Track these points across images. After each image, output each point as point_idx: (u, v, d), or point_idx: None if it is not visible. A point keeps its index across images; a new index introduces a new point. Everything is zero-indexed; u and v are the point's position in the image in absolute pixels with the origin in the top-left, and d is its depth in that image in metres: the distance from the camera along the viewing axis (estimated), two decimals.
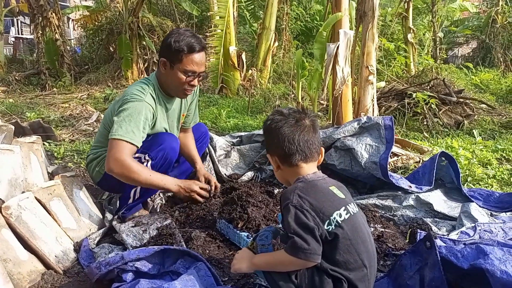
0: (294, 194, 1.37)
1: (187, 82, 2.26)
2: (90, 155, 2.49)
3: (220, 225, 2.13)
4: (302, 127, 1.47)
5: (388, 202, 2.57)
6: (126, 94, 2.25)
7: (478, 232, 2.06)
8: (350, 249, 1.35)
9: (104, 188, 2.59)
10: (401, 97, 5.17)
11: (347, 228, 1.36)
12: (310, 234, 1.31)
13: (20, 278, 1.73)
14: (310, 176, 1.46)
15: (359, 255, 1.36)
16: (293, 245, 1.31)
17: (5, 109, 5.64)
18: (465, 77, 8.45)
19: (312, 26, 11.14)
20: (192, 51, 2.20)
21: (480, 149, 3.77)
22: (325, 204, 1.37)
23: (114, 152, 2.08)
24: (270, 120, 1.51)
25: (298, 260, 1.31)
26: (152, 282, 1.56)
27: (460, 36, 14.24)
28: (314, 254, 1.30)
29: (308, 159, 1.47)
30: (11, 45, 15.41)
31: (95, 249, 2.05)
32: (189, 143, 2.69)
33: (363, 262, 1.37)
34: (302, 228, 1.31)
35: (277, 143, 1.46)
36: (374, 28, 3.89)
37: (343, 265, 1.35)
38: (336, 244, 1.34)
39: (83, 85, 8.44)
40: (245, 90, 7.09)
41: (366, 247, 1.40)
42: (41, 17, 8.75)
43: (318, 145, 1.50)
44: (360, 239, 1.38)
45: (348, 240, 1.35)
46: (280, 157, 1.49)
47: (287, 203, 1.36)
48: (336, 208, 1.37)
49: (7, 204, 1.86)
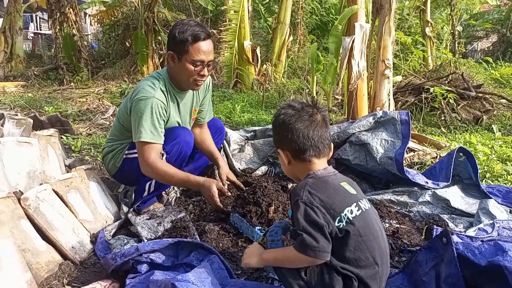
0: (304, 191, 1.35)
1: (197, 72, 2.24)
2: (106, 148, 2.53)
3: (233, 218, 2.14)
4: (315, 122, 1.46)
5: (404, 198, 2.54)
6: (137, 90, 2.27)
7: (497, 229, 2.01)
8: (361, 246, 1.33)
9: (119, 180, 2.63)
10: (418, 92, 5.08)
11: (358, 224, 1.34)
12: (320, 231, 1.29)
13: (39, 268, 1.76)
14: (321, 172, 1.44)
15: (371, 252, 1.34)
16: (302, 243, 1.30)
17: (24, 103, 5.75)
18: (484, 71, 8.25)
19: (327, 20, 11.03)
20: (197, 40, 2.18)
21: (500, 145, 3.68)
22: (336, 200, 1.35)
23: (142, 157, 2.18)
24: (283, 115, 1.48)
25: (307, 257, 1.30)
26: (166, 274, 1.57)
27: (479, 29, 13.89)
28: (323, 252, 1.29)
29: (321, 155, 1.46)
30: (30, 41, 15.66)
31: (111, 240, 2.08)
32: (207, 138, 2.67)
33: (374, 259, 1.35)
34: (312, 225, 1.30)
35: (291, 138, 1.45)
36: (391, 22, 3.83)
37: (354, 262, 1.33)
38: (347, 241, 1.33)
39: (99, 80, 8.54)
40: (259, 85, 7.07)
41: (378, 243, 1.38)
42: (59, 13, 8.87)
43: (329, 141, 1.49)
44: (372, 236, 1.36)
45: (359, 237, 1.33)
46: (292, 152, 1.47)
47: (297, 200, 1.35)
48: (347, 205, 1.36)
49: (25, 195, 1.90)
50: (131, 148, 2.39)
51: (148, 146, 2.16)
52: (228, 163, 3.02)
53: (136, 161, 2.31)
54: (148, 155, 2.15)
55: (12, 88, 7.46)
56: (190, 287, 1.36)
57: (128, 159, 2.40)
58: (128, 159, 2.40)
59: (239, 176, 2.95)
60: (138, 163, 2.31)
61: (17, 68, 9.76)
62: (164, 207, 2.47)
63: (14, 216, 1.80)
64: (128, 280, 1.67)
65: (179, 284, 1.35)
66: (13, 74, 9.35)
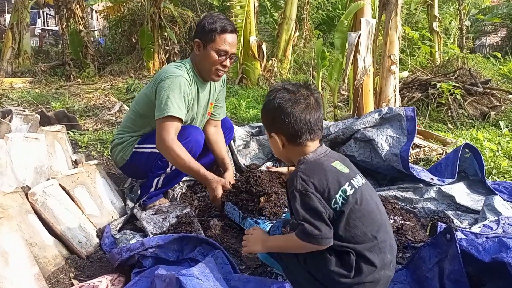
0: (297, 179, 1.35)
1: (220, 62, 2.31)
2: (115, 139, 2.55)
3: (226, 207, 2.14)
4: (311, 105, 1.44)
5: (409, 194, 2.53)
6: (163, 72, 2.31)
7: (502, 225, 2.01)
8: (357, 223, 1.33)
9: (126, 173, 2.65)
10: (425, 88, 5.05)
11: (353, 202, 1.34)
12: (319, 219, 1.30)
13: (46, 262, 1.79)
14: (312, 156, 1.42)
15: (367, 227, 1.34)
16: (303, 232, 1.30)
17: (31, 99, 5.80)
18: (492, 67, 8.17)
19: (333, 15, 10.96)
20: (225, 31, 2.29)
21: (507, 141, 3.66)
22: (329, 183, 1.35)
23: (162, 132, 2.17)
24: (278, 98, 1.43)
25: (312, 245, 1.31)
26: (171, 268, 1.59)
27: (488, 24, 13.72)
28: (325, 239, 1.29)
29: (315, 138, 1.45)
30: (37, 37, 15.74)
31: (117, 235, 2.10)
32: (220, 142, 2.66)
33: (371, 233, 1.35)
34: (311, 213, 1.30)
35: (287, 123, 1.42)
36: (398, 17, 3.80)
37: (351, 240, 1.33)
38: (343, 220, 1.33)
39: (106, 76, 8.58)
40: (265, 81, 7.06)
41: (374, 218, 1.37)
42: (66, 9, 8.91)
43: (322, 122, 1.48)
44: (366, 211, 1.36)
45: (354, 214, 1.33)
46: (288, 136, 1.44)
47: (292, 190, 1.35)
48: (340, 185, 1.35)
49: (33, 190, 1.92)
50: (141, 142, 2.42)
51: (172, 122, 2.17)
52: (233, 159, 3.03)
53: (145, 155, 2.34)
54: (169, 131, 2.15)
55: (19, 84, 7.52)
56: (194, 282, 1.37)
57: (138, 153, 2.42)
58: (137, 153, 2.42)
59: (244, 172, 2.95)
60: (146, 157, 2.33)
61: (24, 64, 9.83)
62: (170, 202, 2.48)
63: (21, 210, 1.83)
64: (133, 274, 1.69)
65: (184, 279, 1.36)
66: (21, 70, 9.42)
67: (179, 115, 2.20)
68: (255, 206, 2.02)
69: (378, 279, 1.36)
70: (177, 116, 2.18)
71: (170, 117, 2.17)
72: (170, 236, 1.75)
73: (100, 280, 1.66)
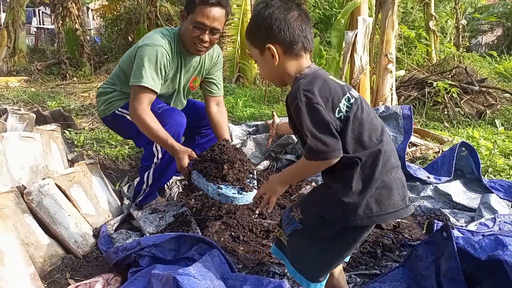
0: (300, 92, 1.30)
1: (197, 35, 2.23)
2: (101, 88, 2.55)
3: (193, 175, 2.11)
4: (303, 14, 1.41)
5: None
6: (145, 37, 2.29)
7: (498, 223, 2.02)
8: (361, 129, 1.31)
9: (107, 125, 2.67)
10: (422, 86, 5.06)
11: (355, 109, 1.32)
12: (327, 131, 1.25)
13: (42, 262, 1.78)
14: (308, 70, 1.39)
15: (370, 132, 1.32)
16: (311, 151, 1.25)
17: (27, 98, 5.77)
18: (488, 65, 8.20)
19: (330, 14, 10.93)
20: (205, 3, 2.18)
21: (502, 140, 3.67)
22: (332, 91, 1.32)
23: (135, 101, 2.17)
24: (270, 7, 1.38)
25: (321, 161, 1.26)
26: (167, 268, 1.58)
27: (484, 23, 13.76)
28: (333, 151, 1.25)
29: (308, 48, 1.41)
30: (33, 35, 15.65)
31: (114, 234, 2.10)
32: (222, 122, 2.58)
33: (376, 138, 1.33)
34: (317, 126, 1.26)
35: (283, 29, 1.36)
36: (394, 15, 3.81)
37: (358, 148, 1.30)
38: (348, 129, 1.30)
39: (102, 75, 8.54)
40: (262, 79, 7.05)
41: (376, 124, 1.36)
42: (61, 7, 8.86)
43: (313, 35, 1.45)
44: (368, 118, 1.34)
45: (357, 122, 1.31)
46: (283, 45, 1.37)
47: (296, 103, 1.29)
48: (344, 93, 1.34)
49: (28, 190, 1.91)
50: (124, 107, 2.39)
51: (145, 93, 2.16)
52: None
53: (125, 120, 2.34)
54: (141, 101, 2.15)
55: (15, 83, 7.48)
56: (191, 281, 1.36)
57: (118, 116, 2.42)
58: (118, 116, 2.42)
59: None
60: (126, 122, 2.34)
61: (20, 63, 9.78)
62: (166, 201, 2.48)
63: (17, 210, 1.82)
64: (130, 274, 1.69)
65: (180, 278, 1.36)
66: (16, 69, 9.37)
67: (153, 87, 2.17)
68: (219, 173, 2.01)
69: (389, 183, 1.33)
70: (150, 88, 2.17)
71: (144, 88, 2.16)
72: (167, 235, 1.75)
73: (96, 280, 1.66)
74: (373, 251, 1.94)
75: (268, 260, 1.85)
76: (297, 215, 1.40)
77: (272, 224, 2.16)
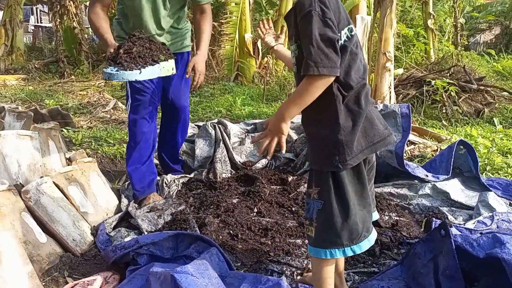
0: (315, 1, 1.28)
1: None
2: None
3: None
4: None
5: (404, 190, 2.54)
6: None
7: (496, 221, 2.02)
8: (352, 63, 1.33)
9: None
10: (420, 85, 5.06)
11: (353, 42, 1.34)
12: (332, 46, 1.25)
13: (40, 260, 1.78)
14: None
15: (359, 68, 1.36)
16: (314, 62, 1.24)
17: (25, 96, 5.75)
18: (486, 64, 8.21)
19: None
20: None
21: (500, 138, 3.67)
22: (341, 17, 1.33)
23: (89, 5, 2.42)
24: None
25: (323, 77, 1.25)
26: (165, 266, 1.58)
27: (482, 22, 13.77)
28: (335, 68, 1.25)
29: None
30: (31, 34, 15.61)
31: (112, 233, 2.09)
32: (203, 26, 2.57)
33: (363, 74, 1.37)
34: (324, 40, 1.25)
35: None
36: (393, 14, 3.81)
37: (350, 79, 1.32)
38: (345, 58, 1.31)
39: (100, 73, 8.52)
40: (260, 78, 7.04)
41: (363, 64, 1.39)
42: (59, 6, 8.83)
43: None
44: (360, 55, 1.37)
45: (351, 55, 1.33)
46: None
47: (309, 11, 1.27)
48: (349, 22, 1.36)
49: (26, 188, 1.91)
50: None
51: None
52: (228, 156, 3.03)
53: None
54: (93, 4, 2.36)
55: (13, 81, 7.46)
56: (189, 279, 1.36)
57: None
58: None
59: (240, 169, 2.95)
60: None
61: (17, 61, 9.75)
62: (165, 200, 2.48)
63: (15, 208, 1.82)
64: (128, 272, 1.69)
65: (179, 276, 1.36)
66: (14, 67, 9.35)
67: None
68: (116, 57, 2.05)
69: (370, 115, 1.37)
70: None
71: None
72: (165, 234, 1.75)
73: (94, 278, 1.66)
74: (371, 249, 1.94)
75: (266, 258, 1.85)
76: (315, 190, 1.39)
77: (271, 222, 2.16)
